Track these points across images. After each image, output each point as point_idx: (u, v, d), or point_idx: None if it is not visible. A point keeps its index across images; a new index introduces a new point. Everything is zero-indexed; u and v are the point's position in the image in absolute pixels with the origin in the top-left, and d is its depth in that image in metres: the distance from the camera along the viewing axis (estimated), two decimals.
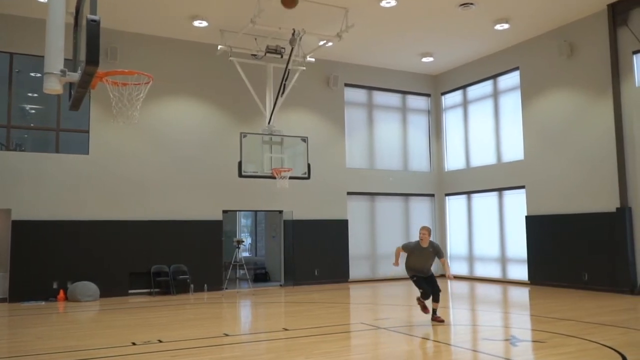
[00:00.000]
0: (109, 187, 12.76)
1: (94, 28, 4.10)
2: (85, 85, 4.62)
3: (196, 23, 12.65)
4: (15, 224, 11.82)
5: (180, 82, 13.74)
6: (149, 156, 13.26)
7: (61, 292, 12.01)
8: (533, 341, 7.06)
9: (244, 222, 20.85)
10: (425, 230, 8.33)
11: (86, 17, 4.15)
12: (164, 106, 13.56)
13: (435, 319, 8.31)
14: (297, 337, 7.48)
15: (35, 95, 14.73)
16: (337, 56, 15.24)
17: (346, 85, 15.94)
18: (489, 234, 15.48)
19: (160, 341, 7.22)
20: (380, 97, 16.67)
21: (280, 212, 14.93)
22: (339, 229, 15.37)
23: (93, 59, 4.07)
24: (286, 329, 8.12)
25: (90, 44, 4.07)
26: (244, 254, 20.08)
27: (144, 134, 13.27)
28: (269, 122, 12.76)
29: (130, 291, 12.78)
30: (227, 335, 7.75)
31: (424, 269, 8.36)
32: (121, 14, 12.21)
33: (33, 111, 16.38)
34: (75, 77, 4.73)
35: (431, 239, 8.45)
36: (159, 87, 13.52)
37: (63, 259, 12.12)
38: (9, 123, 12.37)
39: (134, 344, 7.10)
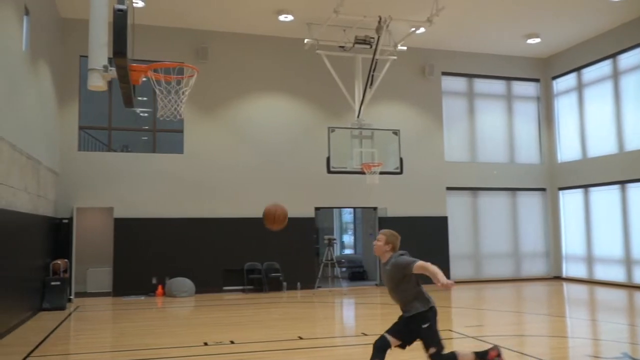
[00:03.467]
0: (203, 185, 12.98)
1: (120, 18, 3.89)
2: (124, 79, 4.45)
3: (281, 17, 12.46)
4: (117, 222, 12.37)
5: (268, 78, 13.68)
6: (241, 154, 13.33)
7: (159, 287, 12.40)
8: None
9: (348, 218, 20.52)
10: (381, 237, 4.78)
11: (113, 6, 3.94)
12: (254, 103, 13.57)
13: None
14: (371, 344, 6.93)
15: (145, 98, 15.46)
16: (433, 43, 14.36)
17: (444, 73, 14.99)
18: (610, 233, 13.77)
19: (232, 342, 7.03)
20: (482, 85, 15.51)
21: (375, 208, 14.38)
22: (437, 226, 14.49)
23: (120, 50, 3.86)
24: (365, 334, 7.60)
25: (116, 34, 3.86)
26: (345, 251, 19.84)
27: (235, 132, 13.36)
28: (358, 116, 12.29)
29: (224, 288, 12.92)
30: (301, 338, 7.39)
31: (396, 300, 4.86)
32: (209, 14, 12.34)
33: (145, 114, 17.28)
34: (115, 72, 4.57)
35: (401, 252, 4.77)
36: (248, 85, 13.61)
37: (161, 256, 12.50)
38: (110, 125, 12.97)
39: (205, 344, 6.97)
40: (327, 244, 12.91)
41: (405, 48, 12.75)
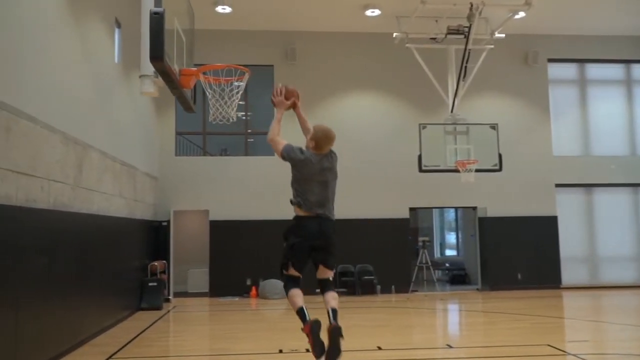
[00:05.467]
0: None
1: (156, 21, 3.77)
2: (171, 84, 4.36)
3: (368, 12, 12.08)
4: (213, 224, 12.69)
5: (357, 76, 13.36)
6: None
7: (253, 288, 12.55)
8: None
9: (451, 216, 19.60)
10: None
11: (149, 10, 3.84)
12: (343, 103, 13.34)
13: (332, 330, 4.67)
14: (453, 359, 6.38)
15: (242, 102, 15.80)
16: (535, 28, 13.21)
17: (550, 60, 13.77)
18: None
19: (307, 350, 6.79)
20: (595, 71, 14.06)
21: (474, 208, 13.53)
22: (546, 226, 13.33)
23: (155, 54, 3.76)
24: (450, 346, 7.05)
25: (153, 38, 3.75)
26: (447, 252, 18.97)
27: None
28: (451, 111, 11.60)
29: (317, 290, 12.75)
30: (380, 348, 6.99)
31: (325, 201, 4.67)
32: (296, 14, 12.26)
33: (245, 118, 17.69)
34: None
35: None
36: (337, 84, 13.38)
37: (255, 257, 12.61)
38: (204, 130, 13.34)
39: (280, 351, 6.81)
40: (421, 246, 12.34)
41: (503, 35, 11.84)
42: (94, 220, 7.84)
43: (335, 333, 4.57)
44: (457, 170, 11.15)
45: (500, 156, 11.33)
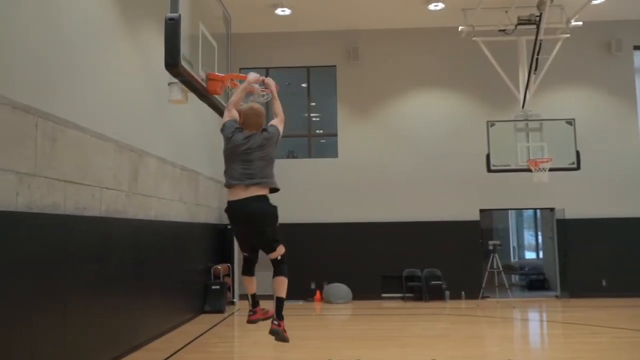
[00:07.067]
0: (358, 189, 12.67)
1: (171, 27, 3.65)
2: (195, 92, 4.25)
3: (431, 7, 11.57)
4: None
5: (422, 73, 12.87)
6: (396, 155, 12.74)
7: (317, 292, 12.40)
8: None
9: (530, 216, 18.55)
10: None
11: (165, 16, 3.73)
12: (407, 101, 12.90)
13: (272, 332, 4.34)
14: None
15: (313, 104, 15.74)
16: (617, 13, 12.14)
17: (635, 48, 12.61)
18: None
19: None
20: None
21: (551, 209, 12.64)
22: (634, 228, 12.21)
23: (169, 61, 3.63)
24: None
25: (166, 43, 3.64)
26: (526, 254, 17.95)
27: (389, 132, 12.83)
28: (523, 106, 10.87)
29: (383, 295, 12.45)
30: None
31: (260, 178, 4.31)
32: (357, 13, 11.97)
33: (316, 119, 17.64)
34: None
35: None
36: (401, 82, 12.95)
37: (319, 261, 12.45)
38: None
39: None
40: (492, 251, 11.66)
41: (580, 23, 10.94)
42: (151, 225, 7.97)
43: (277, 337, 4.29)
44: (528, 170, 10.44)
45: (577, 153, 10.48)
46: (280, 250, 4.42)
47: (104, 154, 6.58)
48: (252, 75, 4.51)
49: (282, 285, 4.42)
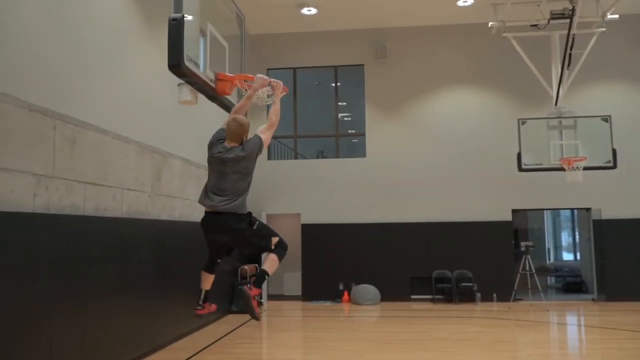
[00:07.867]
0: (386, 189, 12.51)
1: (174, 27, 3.63)
2: (204, 92, 4.23)
3: (460, 3, 11.34)
4: (304, 228, 12.63)
5: (450, 70, 12.62)
6: (425, 154, 12.53)
7: (345, 293, 12.30)
8: None
9: (567, 216, 18.00)
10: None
11: (169, 17, 3.71)
12: (436, 99, 12.68)
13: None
14: None
15: (344, 103, 15.65)
16: None
17: None
18: None
19: None
20: None
21: (587, 209, 12.22)
22: None
23: (172, 62, 3.61)
24: None
25: (170, 44, 3.62)
26: (564, 255, 17.40)
27: (418, 131, 12.63)
28: (556, 103, 10.52)
29: (412, 296, 12.26)
30: None
31: (232, 193, 4.33)
32: (384, 10, 11.83)
33: (347, 119, 17.53)
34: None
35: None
36: (429, 80, 12.73)
37: (347, 261, 12.36)
38: (296, 133, 13.32)
39: None
40: (524, 252, 11.33)
41: (616, 16, 10.51)
42: (175, 226, 8.03)
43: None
44: (561, 169, 10.09)
45: (614, 151, 10.08)
46: (274, 243, 4.49)
47: (125, 155, 6.65)
48: (258, 81, 4.45)
49: (272, 263, 4.43)
